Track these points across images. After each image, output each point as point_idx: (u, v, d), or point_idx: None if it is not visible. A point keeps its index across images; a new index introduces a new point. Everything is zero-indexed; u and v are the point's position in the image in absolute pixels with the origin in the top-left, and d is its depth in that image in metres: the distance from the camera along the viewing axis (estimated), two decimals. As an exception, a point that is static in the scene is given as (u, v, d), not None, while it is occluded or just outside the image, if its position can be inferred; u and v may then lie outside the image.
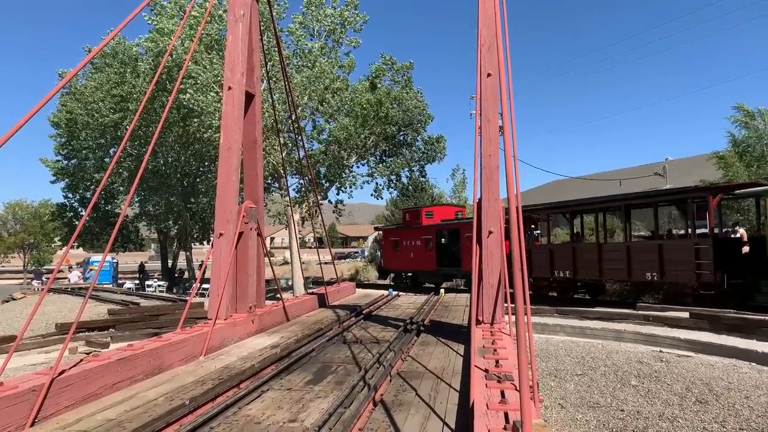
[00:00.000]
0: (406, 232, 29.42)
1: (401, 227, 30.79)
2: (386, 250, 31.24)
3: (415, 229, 28.42)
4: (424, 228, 28.02)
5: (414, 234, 28.41)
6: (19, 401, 4.73)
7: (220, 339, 8.27)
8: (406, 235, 29.34)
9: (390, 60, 27.76)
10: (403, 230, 30.00)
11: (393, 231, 31.37)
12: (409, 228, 29.25)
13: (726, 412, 8.33)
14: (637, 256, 17.42)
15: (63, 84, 6.76)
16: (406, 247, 29.02)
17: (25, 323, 5.97)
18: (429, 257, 27.40)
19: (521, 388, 3.07)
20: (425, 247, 27.66)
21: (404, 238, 29.37)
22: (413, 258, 28.36)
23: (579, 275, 19.49)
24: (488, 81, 8.25)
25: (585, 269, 19.15)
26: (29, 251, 60.19)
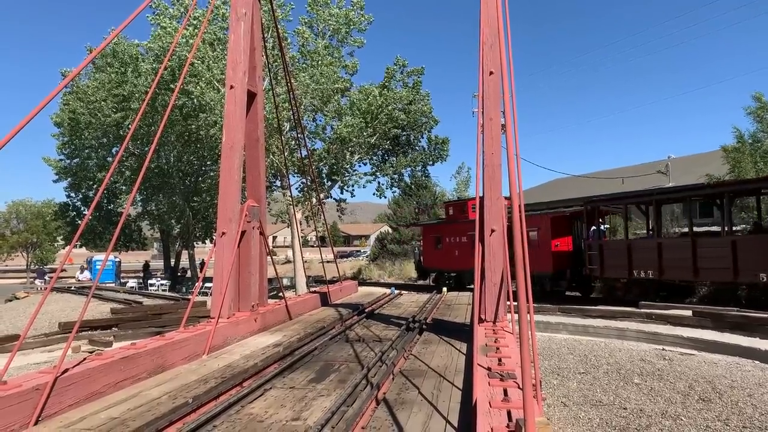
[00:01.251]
0: (449, 227, 26.58)
1: (443, 222, 28.12)
2: (426, 248, 28.60)
3: (459, 224, 25.46)
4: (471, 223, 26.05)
5: (458, 230, 25.55)
6: (22, 400, 4.74)
7: (222, 338, 8.28)
8: (449, 230, 26.52)
9: (403, 63, 27.68)
10: (445, 225, 27.10)
11: (434, 227, 28.48)
12: (452, 223, 26.46)
13: (729, 410, 8.32)
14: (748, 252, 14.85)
15: (65, 84, 6.77)
16: (450, 244, 26.35)
17: (29, 322, 5.99)
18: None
19: (524, 386, 3.07)
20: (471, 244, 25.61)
21: (447, 234, 26.61)
22: (458, 256, 25.52)
23: (666, 275, 16.98)
24: (490, 79, 8.23)
25: (674, 268, 16.70)
26: (32, 250, 60.32)
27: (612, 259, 18.50)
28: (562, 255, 21.23)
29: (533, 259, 21.16)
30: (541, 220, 21.37)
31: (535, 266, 20.28)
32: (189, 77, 22.53)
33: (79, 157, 38.51)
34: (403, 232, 40.55)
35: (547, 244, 20.92)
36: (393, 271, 37.47)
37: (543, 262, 20.52)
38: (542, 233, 21.11)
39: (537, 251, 20.24)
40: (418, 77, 27.82)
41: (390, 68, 27.53)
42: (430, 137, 29.65)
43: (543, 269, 20.50)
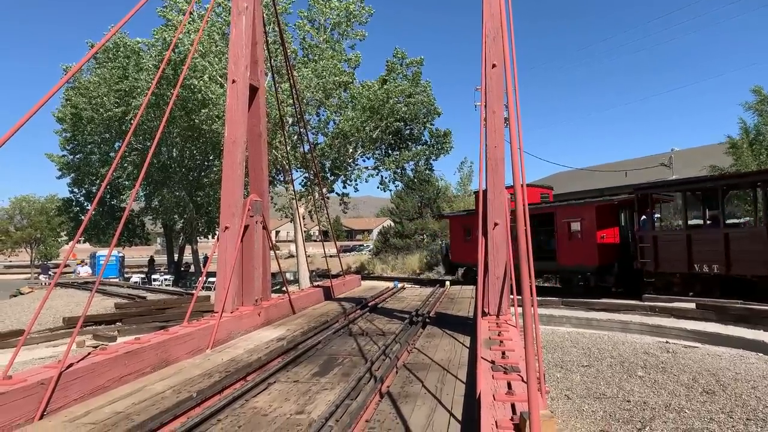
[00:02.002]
0: None
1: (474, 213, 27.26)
2: (455, 241, 26.99)
3: None
4: None
5: None
6: (27, 394, 4.76)
7: (226, 332, 8.30)
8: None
9: (402, 55, 27.58)
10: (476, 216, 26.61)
11: (463, 218, 26.62)
12: None
13: (733, 403, 8.32)
14: None
15: (66, 79, 6.76)
16: None
17: (33, 317, 6.00)
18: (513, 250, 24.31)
19: (529, 379, 3.07)
20: None
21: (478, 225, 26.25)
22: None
23: (735, 270, 15.15)
24: (493, 72, 8.20)
25: (745, 262, 14.84)
26: (36, 246, 60.57)
27: (668, 252, 16.69)
28: (608, 247, 19.74)
29: (576, 252, 19.63)
30: (585, 210, 20.10)
31: (578, 259, 19.84)
32: (191, 72, 22.50)
33: (81, 152, 38.58)
34: (406, 226, 40.55)
35: (592, 236, 19.57)
36: (396, 265, 37.49)
37: (587, 255, 19.48)
38: (586, 224, 19.84)
39: (581, 243, 19.75)
40: (417, 68, 27.73)
41: (390, 61, 27.45)
42: (431, 130, 29.53)
43: (587, 262, 19.54)
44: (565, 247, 20.42)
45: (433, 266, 33.53)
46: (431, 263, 34.08)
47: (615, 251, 19.80)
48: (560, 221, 20.78)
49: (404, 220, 41.22)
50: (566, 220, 20.54)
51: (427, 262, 34.76)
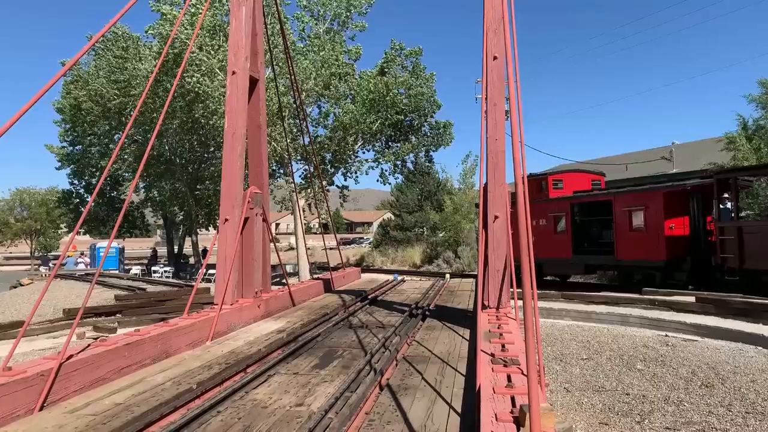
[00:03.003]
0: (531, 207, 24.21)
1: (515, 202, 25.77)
2: None
3: (538, 204, 21.35)
4: (553, 202, 21.49)
5: (536, 210, 21.48)
6: (27, 385, 4.76)
7: (226, 324, 8.30)
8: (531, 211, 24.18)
9: (399, 46, 27.46)
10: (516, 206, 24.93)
11: None
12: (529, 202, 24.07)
13: (732, 396, 8.33)
14: None
15: (64, 71, 6.73)
16: None
17: (33, 309, 6.00)
18: (560, 241, 20.80)
19: (529, 372, 3.06)
20: (554, 228, 21.23)
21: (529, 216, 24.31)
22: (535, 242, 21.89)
23: None
24: (494, 64, 8.16)
25: None
26: (36, 238, 60.59)
27: (756, 246, 14.53)
28: (677, 240, 17.36)
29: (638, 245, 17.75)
30: (650, 197, 17.92)
31: (641, 253, 17.71)
32: (189, 65, 22.42)
33: (81, 144, 38.52)
34: (406, 219, 40.52)
35: (659, 227, 17.38)
36: (396, 257, 37.49)
37: (652, 248, 17.32)
38: (651, 213, 17.64)
39: (644, 235, 17.74)
40: (416, 59, 27.61)
41: (388, 53, 27.35)
42: (430, 123, 29.45)
43: (653, 257, 17.38)
44: (626, 240, 18.40)
45: (433, 259, 33.52)
46: (431, 256, 34.07)
47: (685, 244, 17.55)
48: (619, 210, 18.66)
49: (404, 213, 41.18)
50: (627, 209, 18.43)
51: (427, 255, 34.76)
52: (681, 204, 17.76)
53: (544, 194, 21.82)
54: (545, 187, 22.01)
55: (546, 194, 21.79)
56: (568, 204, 20.82)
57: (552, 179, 22.16)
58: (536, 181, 22.44)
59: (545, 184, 22.06)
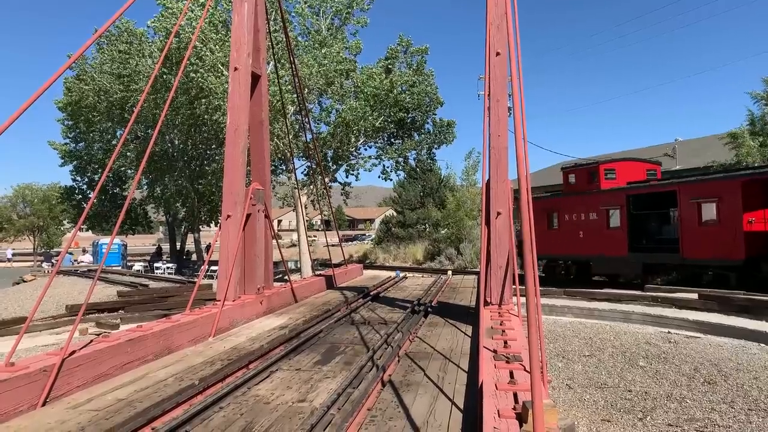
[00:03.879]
0: (569, 200, 20.94)
1: (560, 195, 22.34)
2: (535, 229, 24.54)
3: (587, 196, 19.94)
4: (606, 194, 19.55)
5: (584, 203, 20.02)
6: (30, 381, 4.76)
7: (228, 320, 8.31)
8: (569, 204, 20.76)
9: (406, 43, 27.36)
10: (564, 199, 21.51)
11: (547, 201, 22.39)
12: (574, 195, 20.74)
13: (735, 393, 8.32)
14: None
15: (68, 64, 6.72)
16: (571, 222, 20.54)
17: (35, 304, 6.01)
18: (615, 237, 18.85)
19: (532, 368, 3.05)
20: (606, 223, 19.33)
21: (567, 209, 20.86)
22: (583, 239, 20.01)
23: None
24: (497, 60, 8.14)
25: None
26: (38, 234, 60.71)
27: None
28: (759, 236, 15.42)
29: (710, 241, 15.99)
30: (725, 187, 16.09)
31: (714, 251, 15.89)
32: (192, 60, 22.41)
33: (84, 141, 38.56)
34: (408, 216, 40.51)
35: (736, 221, 15.52)
36: (398, 254, 37.51)
37: (728, 245, 15.56)
38: (727, 205, 15.83)
39: (717, 231, 16.00)
40: (422, 57, 27.50)
41: (393, 48, 27.24)
42: (434, 120, 29.36)
43: (729, 255, 15.57)
44: (694, 236, 16.62)
45: (435, 256, 33.52)
46: (433, 253, 34.06)
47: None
48: (686, 202, 16.79)
49: (406, 210, 41.17)
50: (695, 201, 16.62)
51: (429, 252, 34.76)
52: (762, 195, 15.79)
53: (594, 185, 19.95)
54: (596, 178, 20.03)
55: (597, 185, 19.86)
56: (623, 195, 18.79)
57: (604, 169, 20.16)
58: (585, 171, 20.75)
59: (596, 174, 20.06)
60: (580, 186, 20.81)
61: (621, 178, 19.94)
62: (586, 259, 20.20)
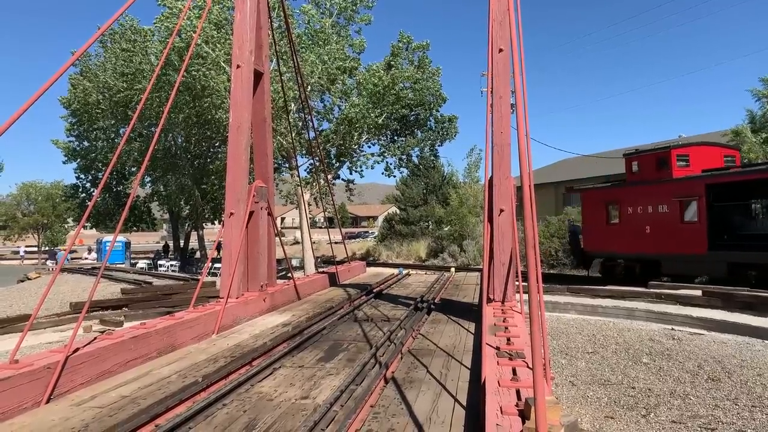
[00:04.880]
0: (634, 191, 18.65)
1: (623, 185, 19.89)
2: (590, 224, 20.40)
3: (656, 186, 17.77)
4: (680, 183, 17.24)
5: (654, 194, 17.80)
6: (34, 378, 4.78)
7: (232, 317, 8.32)
8: (634, 196, 18.53)
9: (407, 39, 27.34)
10: (628, 189, 19.16)
11: (606, 191, 20.24)
12: (641, 184, 18.44)
13: (738, 390, 8.30)
14: None
15: (71, 62, 6.73)
16: (635, 216, 18.31)
17: (39, 302, 6.02)
18: (690, 233, 16.55)
19: (534, 365, 3.05)
20: (679, 216, 17.01)
21: (630, 201, 18.60)
22: (651, 234, 17.77)
23: None
24: (500, 56, 8.12)
25: None
26: (43, 232, 60.90)
27: None
28: None
29: None
30: None
31: None
32: (195, 59, 22.43)
33: (87, 138, 38.63)
34: (411, 213, 40.51)
35: None
36: (401, 251, 37.52)
37: None
38: None
39: None
40: (423, 53, 27.47)
41: (395, 45, 27.22)
42: (436, 117, 29.33)
43: None
44: None
45: (438, 253, 33.51)
46: (436, 250, 34.06)
47: None
48: None
49: (409, 207, 41.17)
50: None
51: (432, 249, 34.76)
52: None
53: (665, 173, 17.61)
54: (667, 164, 17.69)
55: (668, 173, 17.54)
56: (702, 185, 16.35)
57: (676, 154, 17.76)
58: (653, 156, 18.39)
59: (667, 160, 17.70)
60: (647, 174, 18.42)
61: (695, 165, 17.57)
62: (653, 258, 17.79)
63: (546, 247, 25.34)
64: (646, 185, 18.26)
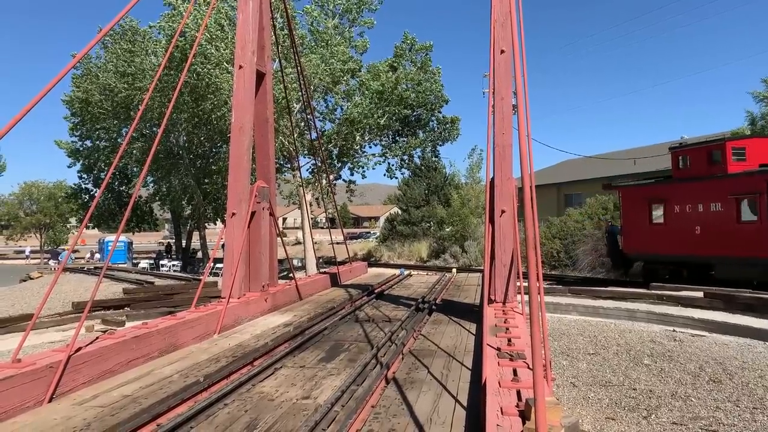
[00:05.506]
0: (682, 188, 17.26)
1: (669, 181, 18.64)
2: (631, 223, 19.05)
3: (708, 182, 16.43)
4: (736, 179, 15.89)
5: (706, 191, 16.44)
6: (37, 377, 4.80)
7: (233, 317, 8.34)
8: (682, 193, 17.15)
9: (411, 40, 27.36)
10: (674, 186, 17.84)
11: (649, 188, 19.04)
12: (691, 181, 17.11)
13: (740, 391, 8.30)
14: None
15: (74, 63, 6.74)
16: (683, 215, 16.95)
17: (41, 302, 6.04)
18: (748, 234, 15.20)
19: (534, 365, 3.06)
20: (736, 215, 15.62)
21: (677, 199, 17.24)
22: (702, 235, 16.35)
23: None
24: (501, 58, 8.12)
25: None
26: (45, 232, 61.05)
27: None
28: None
29: None
30: None
31: None
32: (198, 58, 22.47)
33: (90, 138, 38.69)
34: (413, 213, 40.48)
35: None
36: (402, 252, 37.51)
37: None
38: None
39: None
40: (426, 54, 27.48)
41: (399, 46, 27.24)
42: (439, 117, 29.33)
43: None
44: None
45: (439, 254, 33.50)
46: (438, 251, 34.04)
47: None
48: None
49: (411, 208, 41.12)
50: None
51: (433, 250, 34.75)
52: None
53: (718, 168, 16.33)
54: (721, 159, 16.38)
55: (722, 168, 16.25)
56: (763, 181, 14.86)
57: (732, 147, 16.43)
58: (705, 150, 17.08)
59: (721, 154, 16.39)
60: (697, 170, 17.06)
61: (752, 160, 16.19)
62: (704, 261, 16.45)
63: (548, 248, 25.30)
64: (696, 181, 16.93)
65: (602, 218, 24.75)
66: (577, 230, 25.34)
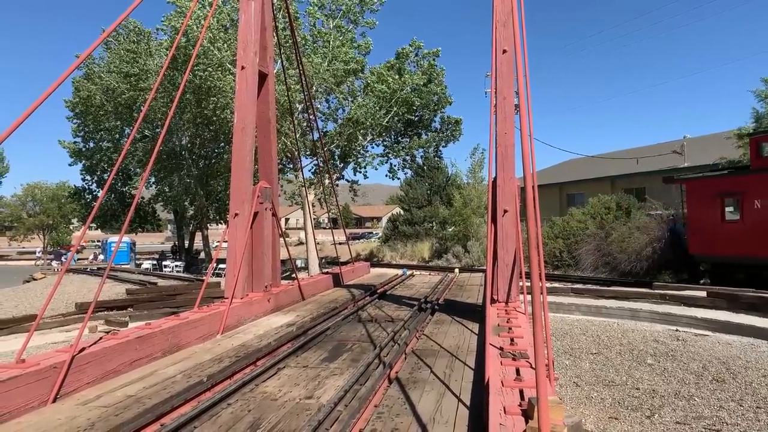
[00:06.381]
0: (764, 180, 15.25)
1: (747, 172, 16.52)
2: (699, 221, 17.17)
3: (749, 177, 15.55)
4: None
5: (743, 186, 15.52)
6: (41, 378, 4.82)
7: (236, 317, 8.35)
8: (764, 186, 15.18)
9: (418, 45, 27.37)
10: (755, 177, 15.65)
11: (721, 181, 16.89)
12: None
13: (743, 391, 8.29)
14: None
15: (76, 65, 6.76)
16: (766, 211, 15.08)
17: (45, 302, 6.06)
18: None
19: (537, 365, 3.06)
20: None
21: (758, 193, 15.27)
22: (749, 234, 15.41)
23: None
24: (504, 58, 8.12)
25: None
26: (48, 232, 61.21)
27: None
28: None
29: None
30: None
31: None
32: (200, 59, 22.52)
33: (93, 139, 38.80)
34: (415, 214, 40.48)
35: None
36: (405, 252, 37.52)
37: None
38: None
39: None
40: (432, 60, 27.48)
41: (404, 49, 27.22)
42: (443, 117, 29.32)
43: None
44: None
45: (442, 254, 33.50)
46: (440, 251, 34.05)
47: None
48: None
49: (413, 208, 41.11)
50: None
51: (436, 250, 34.75)
52: None
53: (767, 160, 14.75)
54: None
55: None
56: None
57: None
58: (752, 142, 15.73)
59: None
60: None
61: None
62: (758, 262, 15.17)
63: (550, 248, 25.27)
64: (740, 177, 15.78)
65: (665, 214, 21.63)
66: (579, 230, 25.34)
